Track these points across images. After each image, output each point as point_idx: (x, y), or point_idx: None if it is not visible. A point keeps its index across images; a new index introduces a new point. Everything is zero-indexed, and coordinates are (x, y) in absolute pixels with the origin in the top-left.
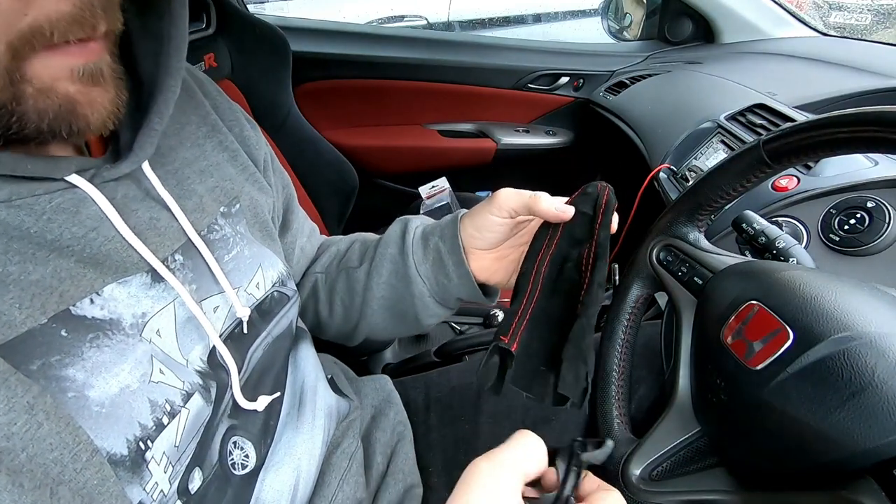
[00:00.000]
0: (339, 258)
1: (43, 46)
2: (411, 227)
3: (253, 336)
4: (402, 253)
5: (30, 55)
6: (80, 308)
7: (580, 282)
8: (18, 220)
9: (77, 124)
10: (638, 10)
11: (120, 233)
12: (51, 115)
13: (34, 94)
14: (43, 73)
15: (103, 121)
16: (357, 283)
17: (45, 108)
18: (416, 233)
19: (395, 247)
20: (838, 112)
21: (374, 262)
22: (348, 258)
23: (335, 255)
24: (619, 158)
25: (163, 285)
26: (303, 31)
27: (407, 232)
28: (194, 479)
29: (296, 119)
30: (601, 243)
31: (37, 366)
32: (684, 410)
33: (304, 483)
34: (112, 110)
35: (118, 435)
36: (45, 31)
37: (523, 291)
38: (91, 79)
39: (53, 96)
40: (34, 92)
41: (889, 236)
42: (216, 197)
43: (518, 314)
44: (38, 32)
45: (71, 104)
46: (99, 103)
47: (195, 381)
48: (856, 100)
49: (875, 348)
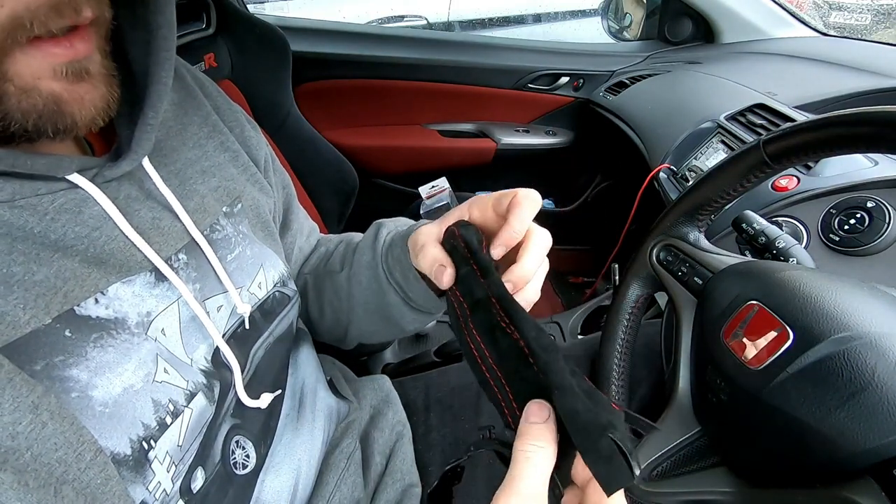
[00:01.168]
0: (325, 260)
1: (27, 41)
2: (381, 235)
3: (255, 336)
4: (374, 262)
5: (13, 50)
6: (85, 308)
7: (520, 348)
8: (22, 220)
9: (63, 123)
10: (638, 10)
11: (123, 232)
12: (35, 115)
13: (16, 93)
14: (25, 71)
15: (92, 118)
16: (341, 288)
17: (28, 108)
18: (385, 241)
19: (368, 254)
20: (838, 112)
21: (353, 268)
22: (332, 262)
23: (323, 256)
24: (619, 158)
25: (166, 284)
26: (303, 31)
27: (377, 240)
28: (196, 479)
29: (296, 119)
30: (499, 294)
31: (41, 366)
32: (684, 410)
33: (304, 484)
34: (102, 107)
35: (122, 434)
36: (24, 21)
37: (477, 369)
38: (76, 76)
39: (36, 95)
40: (16, 91)
41: (889, 236)
42: (218, 197)
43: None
44: (19, 24)
45: (56, 103)
46: (87, 100)
47: (199, 381)
48: (856, 100)
49: (875, 348)
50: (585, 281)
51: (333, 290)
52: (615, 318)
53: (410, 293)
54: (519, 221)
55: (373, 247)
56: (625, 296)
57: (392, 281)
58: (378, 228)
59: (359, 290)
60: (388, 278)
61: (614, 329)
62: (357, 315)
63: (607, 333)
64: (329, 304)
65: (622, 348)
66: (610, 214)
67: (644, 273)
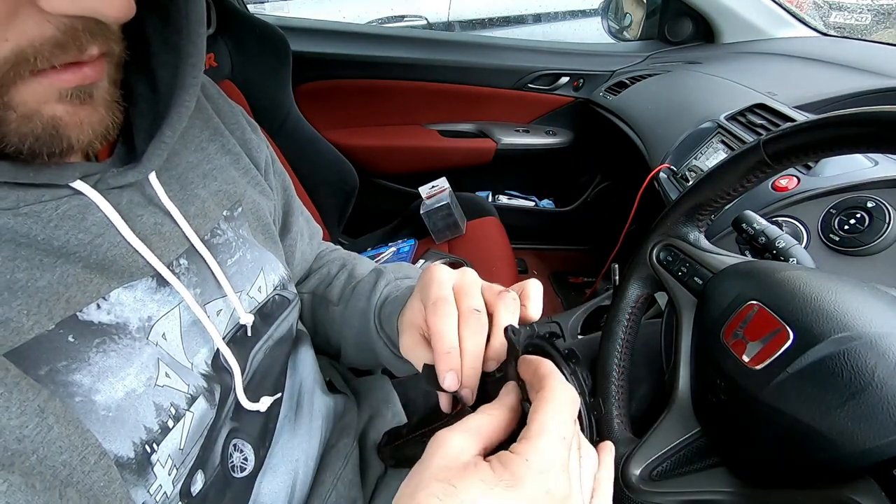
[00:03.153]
0: (325, 284)
1: (30, 73)
2: (379, 287)
3: (255, 339)
4: (367, 312)
5: (15, 82)
6: (87, 313)
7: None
8: (26, 227)
9: (59, 146)
10: (638, 10)
11: (125, 238)
12: (31, 139)
13: (17, 119)
14: (29, 98)
15: (89, 142)
16: (334, 322)
17: (26, 132)
18: (381, 295)
19: (363, 302)
20: (838, 112)
21: (348, 310)
22: (330, 290)
23: (324, 277)
24: (619, 158)
25: (168, 289)
26: (303, 31)
27: (374, 292)
28: (196, 482)
29: (296, 119)
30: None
31: (45, 371)
32: (684, 410)
33: (301, 485)
34: (101, 131)
35: (125, 438)
36: (28, 56)
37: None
38: (80, 99)
39: (37, 120)
40: (17, 117)
41: (889, 236)
42: (219, 201)
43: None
44: (22, 59)
45: (55, 127)
46: (86, 124)
47: (200, 385)
48: (856, 100)
49: (875, 348)
50: (585, 281)
51: (328, 319)
52: (615, 318)
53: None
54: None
55: (368, 297)
56: (625, 296)
57: (382, 334)
58: (377, 278)
59: (350, 332)
60: (379, 331)
61: (614, 329)
62: (348, 349)
63: (607, 333)
64: (322, 326)
65: (622, 348)
66: (610, 214)
67: (644, 273)
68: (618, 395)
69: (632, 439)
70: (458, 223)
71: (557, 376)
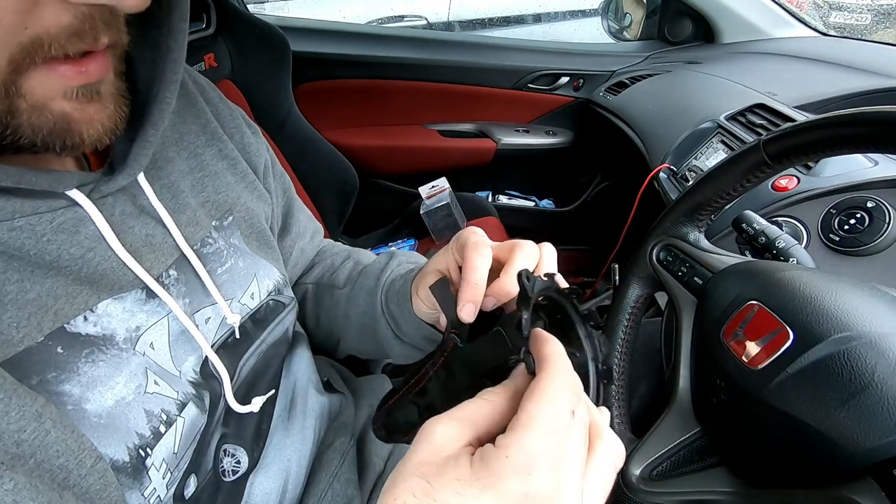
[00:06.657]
0: (330, 272)
1: (42, 60)
2: (391, 266)
3: (247, 344)
4: (374, 289)
5: (29, 68)
6: (75, 325)
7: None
8: (19, 242)
9: (71, 140)
10: (638, 10)
11: (116, 252)
12: (45, 131)
13: (28, 110)
14: (37, 89)
15: (99, 137)
16: (338, 305)
17: (39, 124)
18: (393, 271)
19: (372, 280)
20: (838, 112)
21: (354, 290)
22: (336, 276)
23: (328, 268)
24: (619, 158)
25: (156, 301)
26: (303, 31)
27: (385, 269)
28: (189, 486)
29: (296, 119)
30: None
31: (35, 381)
32: (684, 410)
33: (294, 483)
34: (110, 127)
35: (119, 443)
36: (44, 43)
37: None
38: (87, 97)
39: (48, 113)
40: (28, 107)
41: (889, 236)
42: (208, 211)
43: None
44: (38, 45)
45: (66, 122)
46: (96, 120)
47: (188, 391)
48: (856, 100)
49: (875, 348)
50: (585, 281)
51: (332, 304)
52: (615, 318)
53: (402, 326)
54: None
55: (378, 276)
56: (625, 296)
57: (386, 313)
58: (389, 258)
59: (355, 312)
60: (384, 310)
61: (614, 329)
62: (349, 333)
63: (607, 333)
64: (325, 316)
65: (622, 348)
66: (610, 214)
67: (644, 273)
68: (618, 395)
69: (632, 439)
70: (458, 223)
71: (561, 361)
